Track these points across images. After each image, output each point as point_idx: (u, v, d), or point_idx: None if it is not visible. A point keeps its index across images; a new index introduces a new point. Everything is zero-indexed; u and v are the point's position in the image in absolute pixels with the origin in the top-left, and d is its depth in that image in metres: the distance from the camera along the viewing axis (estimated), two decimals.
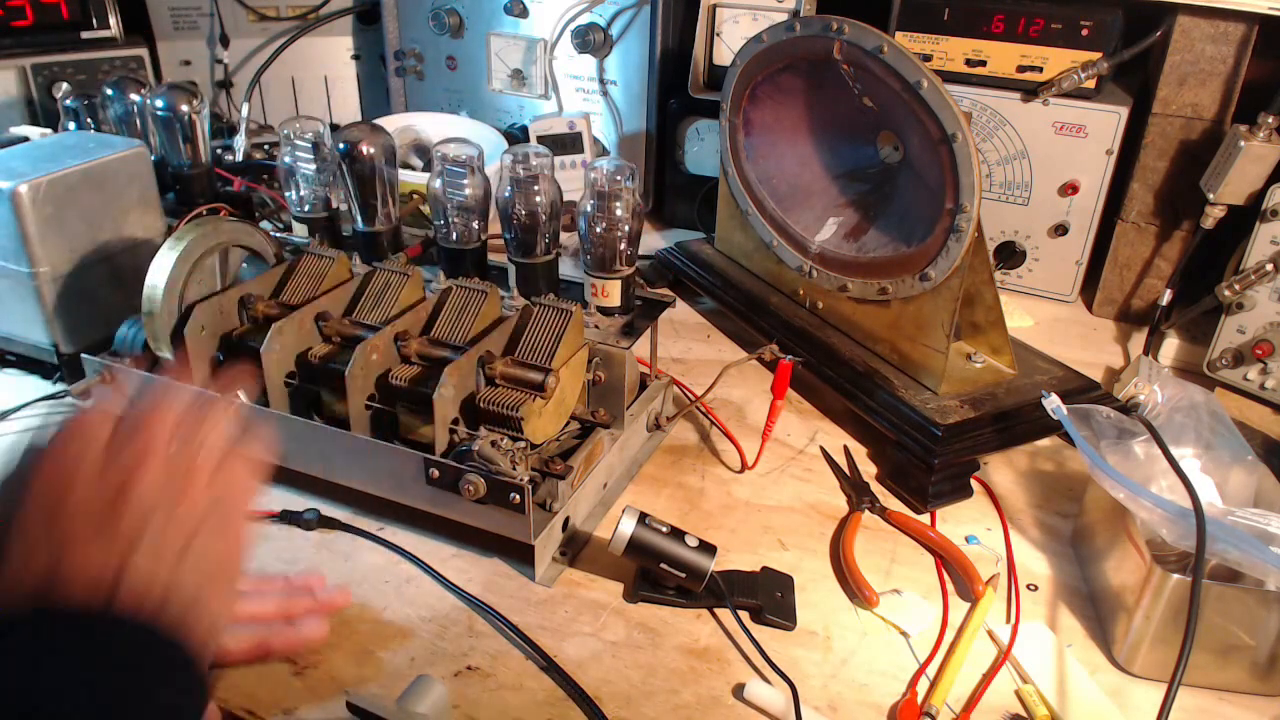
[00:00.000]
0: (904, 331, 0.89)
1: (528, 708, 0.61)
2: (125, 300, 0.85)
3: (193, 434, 0.49)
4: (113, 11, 1.31)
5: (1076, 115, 1.07)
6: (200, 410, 0.50)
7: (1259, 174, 0.94)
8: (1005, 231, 1.16)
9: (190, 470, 0.47)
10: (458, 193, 0.87)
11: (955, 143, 0.78)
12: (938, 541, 0.76)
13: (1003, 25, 1.07)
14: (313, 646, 0.64)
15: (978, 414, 0.83)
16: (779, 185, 1.03)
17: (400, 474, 0.72)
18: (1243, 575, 0.63)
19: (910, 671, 0.65)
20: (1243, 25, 0.98)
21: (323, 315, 0.78)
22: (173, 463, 0.47)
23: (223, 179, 1.14)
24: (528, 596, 0.70)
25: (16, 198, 0.82)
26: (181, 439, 0.48)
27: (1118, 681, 0.66)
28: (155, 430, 0.47)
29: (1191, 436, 0.73)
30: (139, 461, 0.45)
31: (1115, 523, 0.70)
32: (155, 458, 0.46)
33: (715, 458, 0.87)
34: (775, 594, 0.70)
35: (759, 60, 0.96)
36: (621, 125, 1.34)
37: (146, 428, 0.47)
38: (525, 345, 0.76)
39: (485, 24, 1.37)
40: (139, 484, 0.45)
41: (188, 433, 0.49)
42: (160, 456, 0.46)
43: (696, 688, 0.63)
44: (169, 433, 0.48)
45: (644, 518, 0.68)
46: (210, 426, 0.50)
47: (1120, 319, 1.15)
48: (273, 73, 1.46)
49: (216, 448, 0.50)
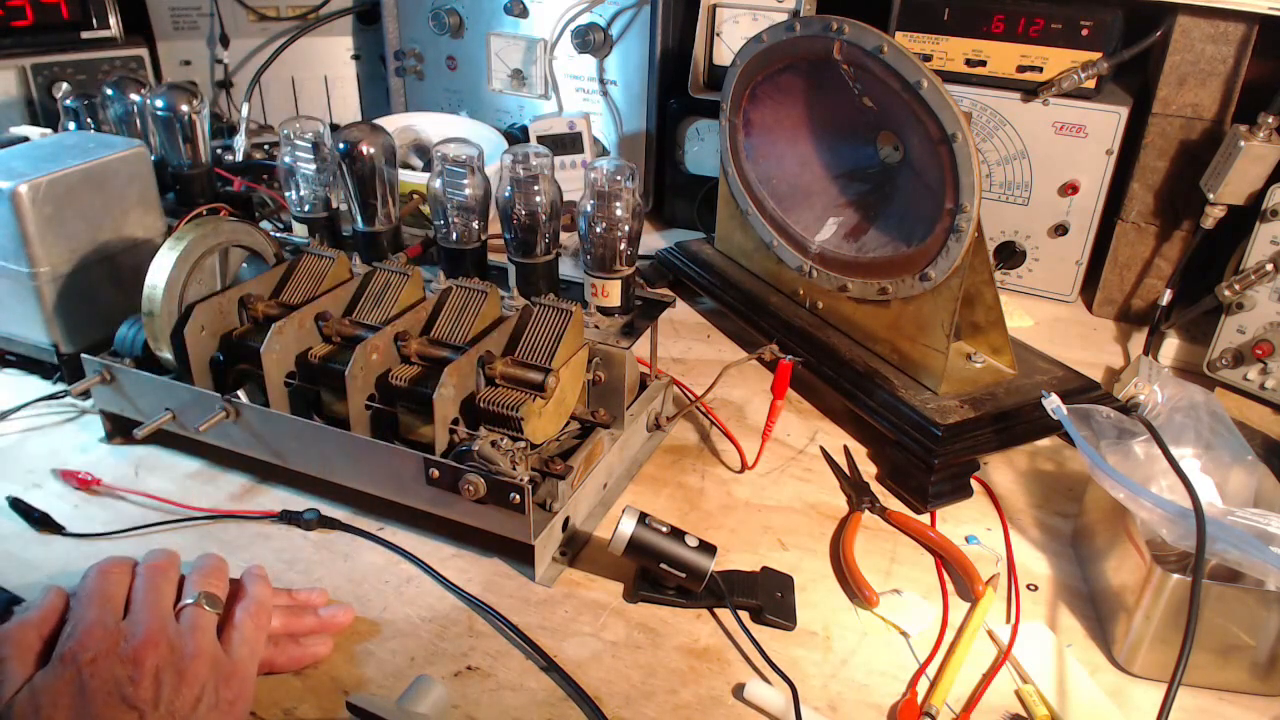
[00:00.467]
0: (904, 331, 0.89)
1: (528, 708, 0.61)
2: (125, 300, 0.85)
3: (200, 588, 0.59)
4: (113, 11, 1.31)
5: (1076, 115, 1.07)
6: (207, 569, 0.62)
7: (1259, 174, 0.94)
8: (1005, 231, 1.16)
9: (195, 630, 0.56)
10: (458, 193, 0.87)
11: (955, 143, 0.78)
12: (938, 541, 0.76)
13: (1003, 25, 1.07)
14: (316, 663, 0.64)
15: (978, 414, 0.83)
16: (779, 185, 1.03)
17: (400, 474, 0.72)
18: (1243, 575, 0.63)
19: (910, 671, 0.65)
20: (1243, 25, 0.98)
21: (323, 315, 0.78)
22: (178, 635, 0.56)
23: (223, 179, 1.14)
24: (528, 596, 0.70)
25: (16, 198, 0.82)
26: (188, 594, 0.59)
27: (1118, 681, 0.66)
28: (164, 591, 0.58)
29: (1191, 436, 0.73)
30: (148, 634, 0.54)
31: (1115, 523, 0.70)
32: (163, 627, 0.55)
33: (715, 458, 0.87)
34: (775, 594, 0.70)
35: (759, 60, 0.96)
36: (621, 125, 1.34)
37: (155, 592, 0.58)
38: (525, 345, 0.76)
39: (485, 24, 1.37)
40: (149, 657, 0.53)
41: (194, 588, 0.59)
42: (167, 623, 0.56)
43: (696, 688, 0.63)
44: (173, 596, 0.58)
45: (644, 518, 0.68)
46: (215, 582, 0.61)
47: (1120, 319, 1.15)
48: (273, 73, 1.46)
49: (221, 600, 0.60)
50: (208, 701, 0.54)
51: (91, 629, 0.54)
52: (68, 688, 0.51)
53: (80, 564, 0.61)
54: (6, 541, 0.73)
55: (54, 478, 0.81)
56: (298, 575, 0.71)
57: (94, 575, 0.58)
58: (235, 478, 0.82)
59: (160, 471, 0.82)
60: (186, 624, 0.57)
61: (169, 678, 0.53)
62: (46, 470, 0.81)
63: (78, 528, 0.75)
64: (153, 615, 0.56)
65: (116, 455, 0.84)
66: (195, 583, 0.60)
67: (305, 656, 0.63)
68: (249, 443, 0.78)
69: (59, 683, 0.52)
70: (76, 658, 0.53)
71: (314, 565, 0.72)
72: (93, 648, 0.53)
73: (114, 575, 0.59)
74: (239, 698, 0.56)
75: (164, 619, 0.56)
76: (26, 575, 0.70)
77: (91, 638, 0.54)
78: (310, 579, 0.71)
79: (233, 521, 0.77)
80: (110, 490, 0.79)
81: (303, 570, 0.72)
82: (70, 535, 0.74)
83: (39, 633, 0.55)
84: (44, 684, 0.52)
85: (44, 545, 0.73)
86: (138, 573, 0.59)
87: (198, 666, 0.55)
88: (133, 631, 0.55)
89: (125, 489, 0.80)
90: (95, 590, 0.57)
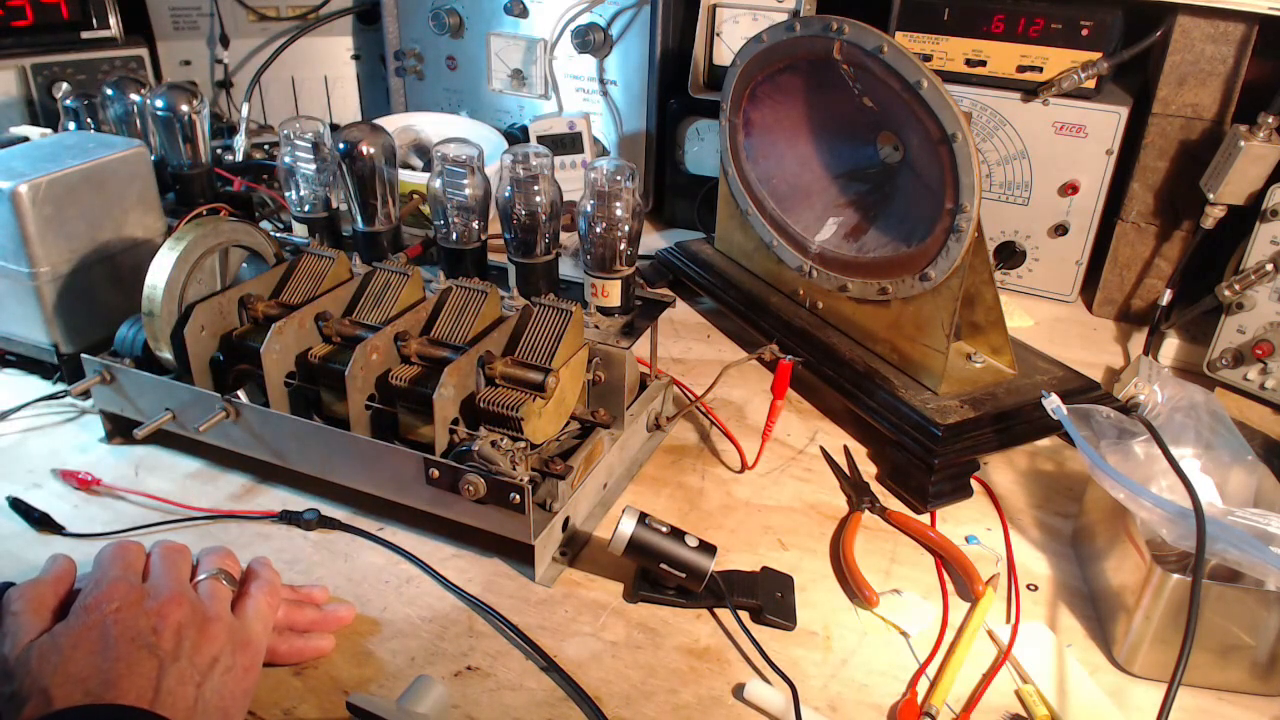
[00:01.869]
0: (904, 331, 0.89)
1: (528, 708, 0.61)
2: (125, 300, 0.85)
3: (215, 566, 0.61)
4: (113, 11, 1.31)
5: (1076, 115, 1.07)
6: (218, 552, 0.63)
7: (1259, 174, 0.94)
8: (1005, 231, 1.16)
9: (213, 598, 0.58)
10: (458, 193, 0.87)
11: (955, 143, 0.78)
12: (938, 541, 0.76)
13: (1003, 25, 1.07)
14: (317, 658, 0.64)
15: (978, 414, 0.83)
16: (779, 185, 1.03)
17: (400, 474, 0.72)
18: (1243, 575, 0.63)
19: (910, 671, 0.65)
20: (1243, 25, 0.98)
21: (323, 315, 0.78)
22: (198, 599, 0.58)
23: (223, 179, 1.14)
24: (528, 596, 0.70)
25: (16, 198, 0.82)
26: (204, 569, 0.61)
27: (1118, 681, 0.66)
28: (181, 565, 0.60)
29: (1191, 436, 0.73)
30: (171, 593, 0.56)
31: (1115, 523, 0.70)
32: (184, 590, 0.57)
33: (715, 458, 0.87)
34: (775, 594, 0.70)
35: (759, 60, 0.96)
36: (621, 125, 1.34)
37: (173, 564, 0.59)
38: (525, 345, 0.76)
39: (485, 24, 1.37)
40: (173, 613, 0.55)
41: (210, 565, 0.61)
42: (187, 588, 0.58)
43: (696, 688, 0.63)
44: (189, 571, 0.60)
45: (644, 518, 0.68)
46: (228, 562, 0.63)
47: (1120, 319, 1.15)
48: (273, 73, 1.46)
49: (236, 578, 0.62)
50: (224, 664, 0.55)
51: (116, 584, 0.56)
52: (91, 633, 0.52)
53: (81, 564, 0.61)
54: (6, 541, 0.73)
55: (54, 478, 0.81)
56: (298, 575, 0.71)
57: (112, 547, 0.60)
58: (235, 478, 0.82)
59: (160, 471, 0.82)
60: (205, 593, 0.59)
61: (190, 634, 0.54)
62: (46, 470, 0.81)
63: (78, 528, 0.75)
64: (174, 580, 0.58)
65: (116, 455, 0.84)
66: (209, 562, 0.62)
67: (307, 649, 0.64)
68: (249, 443, 0.78)
69: (83, 628, 0.53)
70: (101, 607, 0.54)
71: (314, 565, 0.72)
72: (117, 599, 0.55)
73: (132, 548, 0.60)
74: (252, 667, 0.57)
75: (185, 585, 0.58)
76: (26, 575, 0.68)
77: (116, 591, 0.55)
78: (310, 579, 0.71)
79: (233, 521, 0.77)
80: (110, 490, 0.79)
81: (303, 570, 0.72)
82: (70, 535, 0.74)
83: (54, 590, 0.57)
84: (66, 630, 0.53)
85: (44, 545, 0.73)
86: (152, 552, 0.61)
87: (218, 629, 0.56)
88: (156, 592, 0.56)
89: (125, 489, 0.80)
90: (116, 555, 0.59)
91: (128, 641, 0.52)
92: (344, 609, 0.67)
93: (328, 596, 0.69)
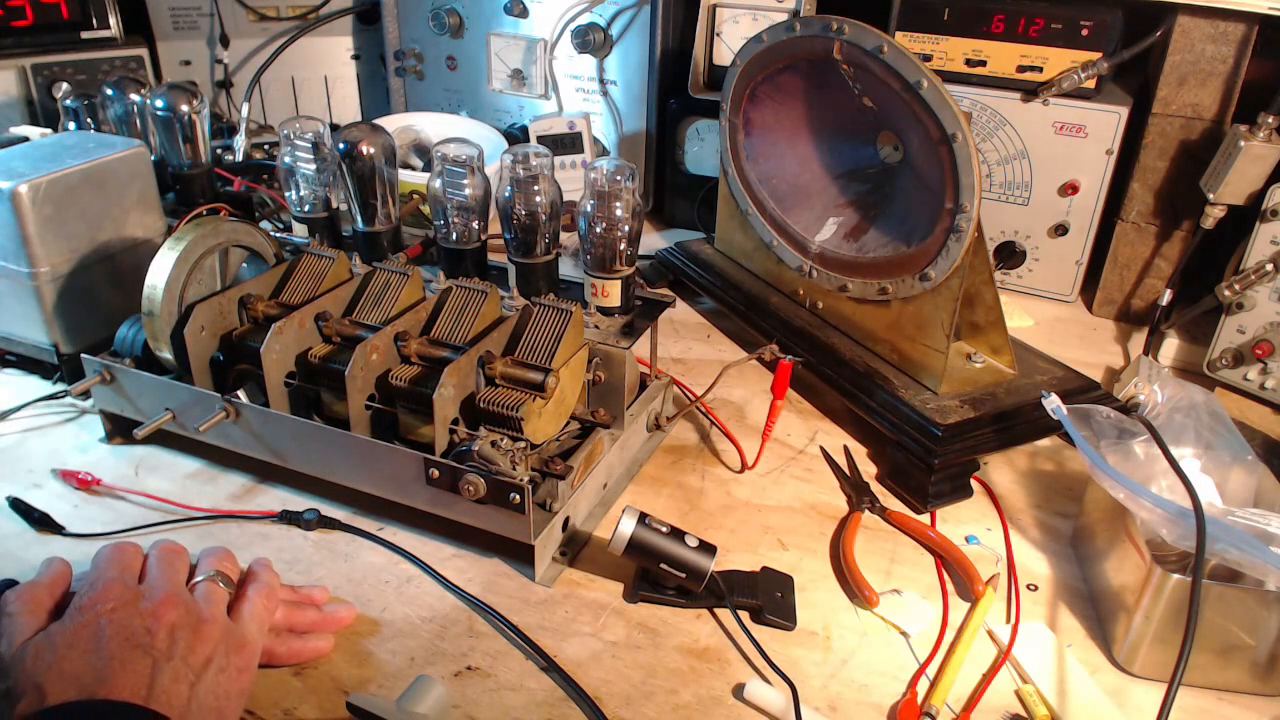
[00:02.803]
0: (904, 331, 0.89)
1: (528, 708, 0.61)
2: (125, 300, 0.85)
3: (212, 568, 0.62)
4: (113, 11, 1.31)
5: (1076, 115, 1.07)
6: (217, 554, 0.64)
7: (1259, 174, 0.94)
8: (1005, 231, 1.16)
9: (209, 600, 0.58)
10: (458, 193, 0.87)
11: (955, 143, 0.78)
12: (938, 541, 0.76)
13: (1003, 25, 1.07)
14: (316, 659, 0.64)
15: (978, 414, 0.83)
16: (779, 185, 1.03)
17: (400, 474, 0.72)
18: (1243, 575, 0.63)
19: (910, 671, 0.65)
20: (1243, 25, 0.98)
21: (323, 315, 0.78)
22: (193, 600, 0.58)
23: (223, 179, 1.14)
24: (528, 596, 0.70)
25: (16, 198, 0.82)
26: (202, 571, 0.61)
27: (1118, 681, 0.66)
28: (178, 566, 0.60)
29: (1191, 436, 0.73)
30: (166, 595, 0.56)
31: (1115, 523, 0.70)
32: (179, 591, 0.57)
33: (715, 458, 0.87)
34: (775, 594, 0.70)
35: (759, 60, 0.96)
36: (621, 125, 1.34)
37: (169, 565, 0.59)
38: (525, 345, 0.76)
39: (485, 24, 1.37)
40: (167, 614, 0.55)
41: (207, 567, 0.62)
42: (183, 589, 0.58)
43: (696, 688, 0.63)
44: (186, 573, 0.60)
45: (644, 518, 0.68)
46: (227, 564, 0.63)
47: (1120, 319, 1.15)
48: (273, 73, 1.46)
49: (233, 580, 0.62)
50: (218, 664, 0.55)
51: (111, 585, 0.56)
52: (85, 632, 0.53)
53: (80, 564, 0.61)
54: (6, 541, 0.73)
55: (54, 478, 0.81)
56: (298, 575, 0.71)
57: (109, 548, 0.60)
58: (235, 478, 0.82)
59: (160, 471, 0.82)
60: (201, 595, 0.59)
61: (184, 635, 0.55)
62: (46, 470, 0.81)
63: (78, 528, 0.75)
64: (170, 582, 0.58)
65: (116, 455, 0.84)
66: (207, 564, 0.62)
67: (306, 650, 0.64)
68: (249, 443, 0.78)
69: (77, 627, 0.53)
70: (96, 607, 0.54)
71: (314, 565, 0.72)
72: (112, 599, 0.55)
73: (129, 550, 0.60)
74: (246, 668, 0.57)
75: (180, 587, 0.58)
76: (26, 575, 0.68)
77: (111, 592, 0.55)
78: (310, 579, 0.71)
79: (233, 521, 0.77)
80: (110, 490, 0.79)
81: (303, 570, 0.72)
82: (70, 535, 0.74)
83: (50, 592, 0.57)
84: (61, 629, 0.53)
85: (44, 545, 0.73)
86: (150, 553, 0.61)
87: (212, 630, 0.56)
88: (151, 593, 0.56)
89: (125, 489, 0.80)
90: (113, 557, 0.59)
91: (122, 641, 0.53)
92: (344, 609, 0.67)
93: (328, 597, 0.69)
